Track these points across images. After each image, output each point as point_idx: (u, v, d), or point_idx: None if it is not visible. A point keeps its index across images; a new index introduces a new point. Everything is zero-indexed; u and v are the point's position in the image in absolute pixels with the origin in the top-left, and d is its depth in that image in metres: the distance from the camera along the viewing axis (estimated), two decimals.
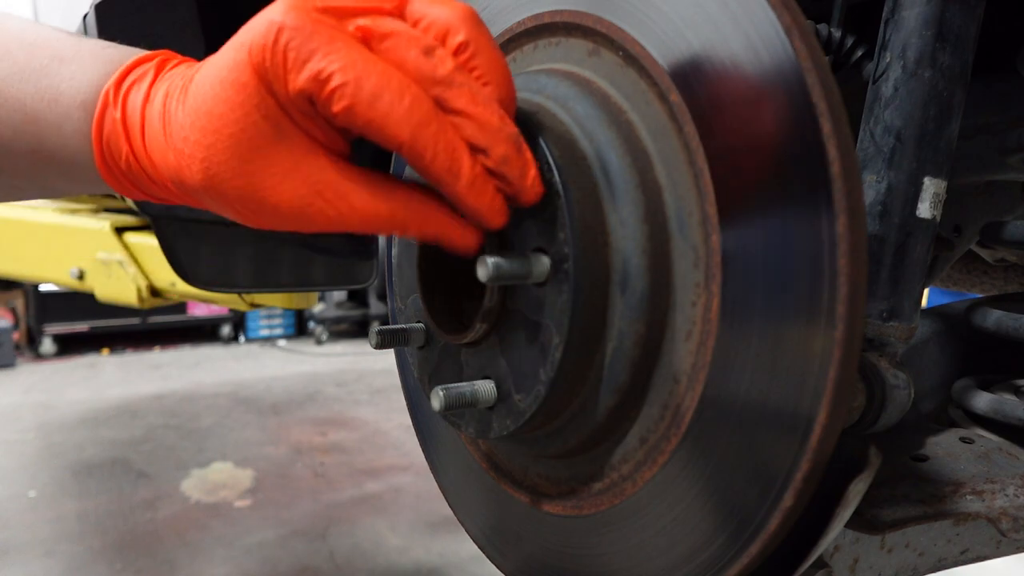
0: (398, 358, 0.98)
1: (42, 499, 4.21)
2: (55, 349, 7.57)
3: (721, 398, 0.57)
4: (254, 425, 5.55)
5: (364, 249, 1.91)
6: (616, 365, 0.62)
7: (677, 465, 0.60)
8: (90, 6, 1.49)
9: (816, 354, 0.51)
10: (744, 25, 0.55)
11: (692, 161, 0.58)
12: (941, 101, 0.68)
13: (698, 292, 0.58)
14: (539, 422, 0.66)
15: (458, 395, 0.66)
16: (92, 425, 5.50)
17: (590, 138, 0.63)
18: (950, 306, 1.03)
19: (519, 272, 0.61)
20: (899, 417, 0.69)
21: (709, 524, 0.58)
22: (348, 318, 8.98)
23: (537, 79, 0.70)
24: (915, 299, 0.71)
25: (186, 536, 3.77)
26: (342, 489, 4.38)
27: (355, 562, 3.56)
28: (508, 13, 0.76)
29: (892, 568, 0.76)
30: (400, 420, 5.58)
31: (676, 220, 0.60)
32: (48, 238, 3.17)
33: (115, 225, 2.99)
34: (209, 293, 2.38)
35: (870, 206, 0.69)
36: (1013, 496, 0.74)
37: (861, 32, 0.79)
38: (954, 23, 0.67)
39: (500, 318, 0.67)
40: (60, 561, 3.52)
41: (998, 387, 0.91)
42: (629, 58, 0.63)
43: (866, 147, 0.70)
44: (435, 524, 3.90)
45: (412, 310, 0.79)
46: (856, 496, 0.58)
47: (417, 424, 0.97)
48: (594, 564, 0.70)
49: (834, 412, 0.51)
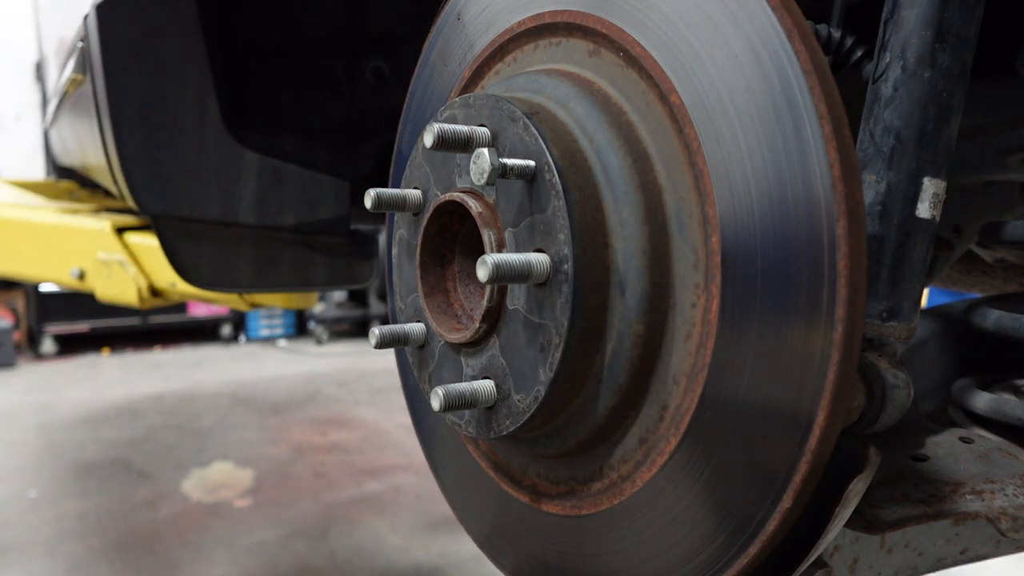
0: (398, 358, 0.98)
1: (43, 499, 4.21)
2: (55, 349, 7.57)
3: (720, 399, 0.57)
4: (254, 425, 5.55)
5: (364, 249, 1.91)
6: (615, 366, 0.62)
7: (676, 466, 0.60)
8: (90, 6, 1.49)
9: (815, 356, 0.51)
10: (744, 26, 0.55)
11: (692, 162, 0.58)
12: (940, 101, 0.68)
13: (698, 293, 0.58)
14: (539, 422, 0.66)
15: (458, 395, 0.67)
16: (92, 425, 5.50)
17: (590, 139, 0.63)
18: (950, 306, 1.03)
19: (519, 272, 0.61)
20: (899, 417, 0.69)
21: (708, 524, 0.58)
22: (348, 318, 8.98)
23: (538, 79, 0.70)
24: (915, 299, 0.70)
25: (186, 536, 3.77)
26: (342, 489, 4.38)
27: (355, 562, 3.56)
28: (509, 13, 0.76)
29: (892, 568, 0.76)
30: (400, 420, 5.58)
31: (676, 221, 0.60)
32: (49, 238, 3.17)
33: (116, 225, 2.99)
34: (209, 293, 2.38)
35: (870, 206, 0.69)
36: (1012, 496, 0.74)
37: (861, 32, 0.79)
38: (953, 23, 0.67)
39: (500, 318, 0.67)
40: (61, 561, 3.52)
41: (998, 387, 0.91)
42: (630, 59, 0.63)
43: (866, 147, 0.70)
44: (435, 524, 3.90)
45: (412, 310, 0.79)
46: (855, 496, 0.58)
47: (417, 424, 0.97)
48: (593, 564, 0.70)
49: (833, 414, 0.51)
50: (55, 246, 3.18)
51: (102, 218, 3.16)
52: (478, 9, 0.81)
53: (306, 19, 1.72)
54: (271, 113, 1.75)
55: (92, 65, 1.55)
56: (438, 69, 0.87)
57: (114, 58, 1.47)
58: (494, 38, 0.78)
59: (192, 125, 1.55)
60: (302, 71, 1.75)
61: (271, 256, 1.78)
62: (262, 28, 1.69)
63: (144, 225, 3.00)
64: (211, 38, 1.52)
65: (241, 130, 1.63)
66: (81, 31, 1.62)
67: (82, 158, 2.68)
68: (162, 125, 1.53)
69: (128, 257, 2.94)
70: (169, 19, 1.49)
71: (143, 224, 3.01)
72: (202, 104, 1.54)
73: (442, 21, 0.87)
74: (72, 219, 3.20)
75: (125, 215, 3.22)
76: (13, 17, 6.57)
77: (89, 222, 3.12)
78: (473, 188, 0.70)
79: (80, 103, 2.00)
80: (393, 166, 0.98)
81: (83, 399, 6.17)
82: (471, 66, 0.81)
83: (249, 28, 1.67)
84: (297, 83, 1.75)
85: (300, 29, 1.72)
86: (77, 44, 1.73)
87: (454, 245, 0.76)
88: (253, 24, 1.68)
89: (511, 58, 0.77)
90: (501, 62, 0.78)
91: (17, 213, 3.29)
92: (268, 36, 1.70)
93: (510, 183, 0.65)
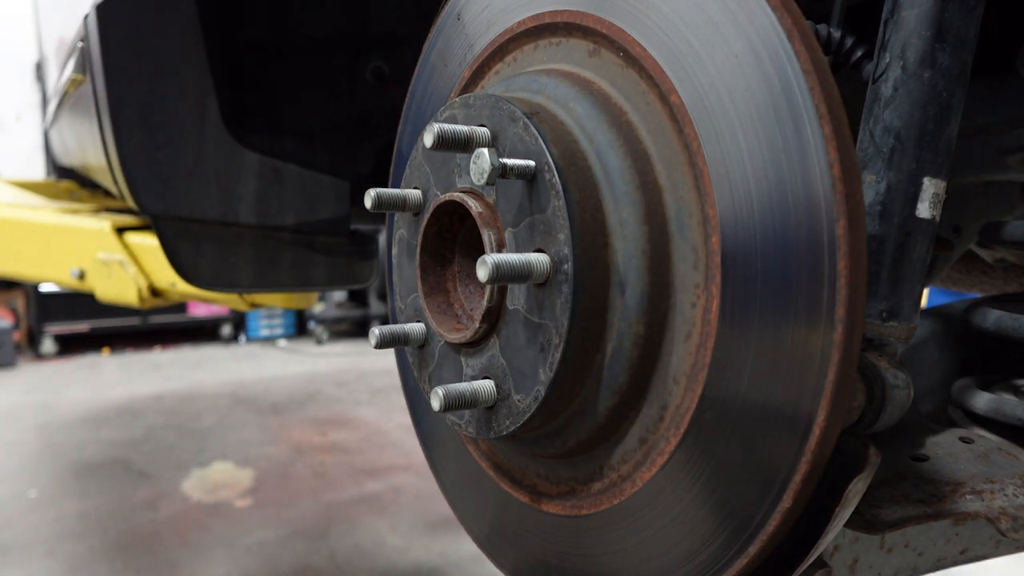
0: (398, 358, 0.98)
1: (43, 499, 4.21)
2: (55, 349, 7.57)
3: (720, 399, 0.57)
4: (254, 425, 5.55)
5: (364, 249, 1.92)
6: (615, 366, 0.62)
7: (676, 466, 0.60)
8: (91, 7, 1.49)
9: (815, 356, 0.51)
10: (744, 26, 0.55)
11: (692, 162, 0.58)
12: (940, 101, 0.68)
13: (698, 293, 0.58)
14: (539, 422, 0.66)
15: (458, 395, 0.67)
16: (92, 425, 5.50)
17: (590, 139, 0.63)
18: (950, 306, 1.03)
19: (519, 272, 0.61)
20: (899, 417, 0.69)
21: (708, 524, 0.58)
22: (348, 318, 8.98)
23: (538, 79, 0.70)
24: (915, 299, 0.71)
25: (187, 536, 3.77)
26: (342, 489, 4.38)
27: (355, 562, 3.56)
28: (509, 13, 0.76)
29: (891, 568, 0.76)
30: (400, 420, 5.58)
31: (676, 221, 0.60)
32: (49, 238, 3.17)
33: (116, 225, 2.99)
34: (209, 293, 2.38)
35: (869, 206, 0.69)
36: (1012, 496, 0.74)
37: (861, 32, 0.79)
38: (953, 23, 0.67)
39: (500, 318, 0.67)
40: (61, 561, 3.52)
41: (998, 387, 0.91)
42: (630, 59, 0.63)
43: (866, 147, 0.70)
44: (435, 524, 3.90)
45: (412, 310, 0.79)
46: (855, 496, 0.58)
47: (417, 424, 0.97)
48: (593, 564, 0.70)
49: (833, 414, 0.51)
50: (55, 246, 3.18)
51: (102, 218, 3.16)
52: (478, 9, 0.81)
53: (306, 19, 1.72)
54: (271, 113, 1.75)
55: (92, 65, 1.55)
56: (438, 69, 0.87)
57: (114, 58, 1.47)
58: (494, 38, 0.78)
59: (192, 125, 1.55)
60: (302, 71, 1.75)
61: (271, 256, 1.78)
62: (262, 28, 1.69)
63: (144, 225, 3.00)
64: (211, 38, 1.52)
65: (241, 130, 1.63)
66: (81, 31, 1.62)
67: (82, 158, 2.68)
68: (162, 125, 1.53)
69: (128, 257, 2.94)
70: (169, 19, 1.49)
71: (143, 224, 3.01)
72: (202, 104, 1.54)
73: (442, 21, 0.87)
74: (72, 219, 3.20)
75: (125, 215, 3.22)
76: (13, 17, 6.57)
77: (89, 222, 3.12)
78: (473, 188, 0.70)
79: (80, 103, 2.00)
80: (393, 166, 0.98)
81: (83, 399, 6.17)
82: (471, 66, 0.81)
83: (249, 28, 1.67)
84: (297, 83, 1.75)
85: (300, 29, 1.72)
86: (77, 44, 1.73)
87: (454, 245, 0.76)
88: (253, 24, 1.68)
89: (511, 58, 0.77)
90: (501, 62, 0.78)
91: (17, 213, 3.29)
92: (268, 36, 1.70)
93: (510, 183, 0.65)
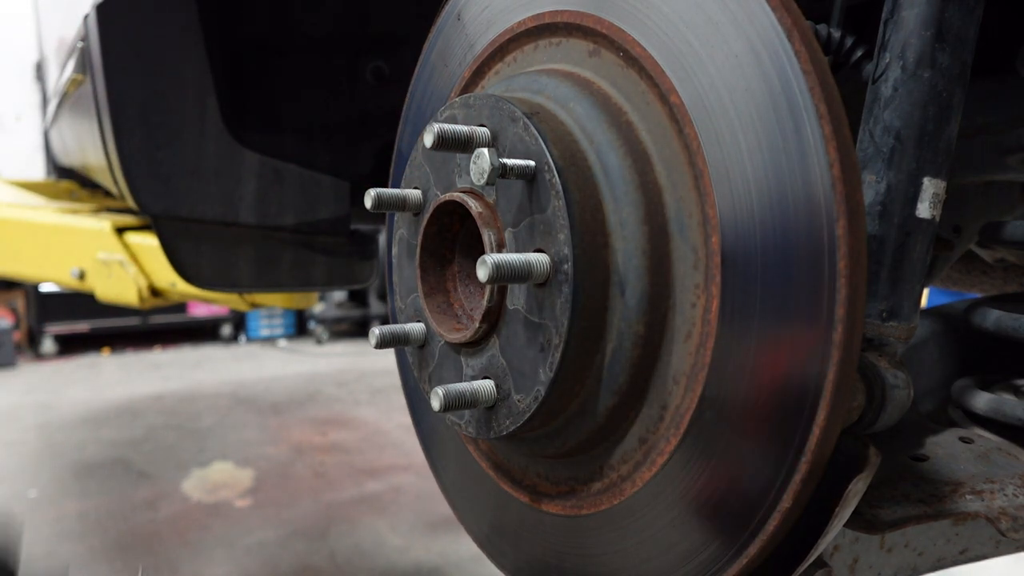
0: (398, 358, 0.98)
1: (43, 499, 4.21)
2: (56, 349, 7.57)
3: (720, 399, 0.57)
4: (254, 425, 5.55)
5: (364, 249, 1.92)
6: (615, 366, 0.62)
7: (676, 465, 0.60)
8: (91, 6, 1.49)
9: (815, 356, 0.51)
10: (744, 26, 0.55)
11: (692, 162, 0.58)
12: (940, 101, 0.68)
13: (697, 293, 0.58)
14: (539, 422, 0.66)
15: (458, 395, 0.67)
16: (92, 425, 5.50)
17: (590, 139, 0.63)
18: (950, 306, 1.03)
19: (519, 272, 0.61)
20: (899, 417, 0.69)
21: (708, 525, 0.58)
22: (348, 318, 8.98)
23: (538, 79, 0.70)
24: (915, 299, 0.70)
25: (187, 536, 3.77)
26: (342, 489, 4.38)
27: (355, 562, 3.56)
28: (509, 13, 0.76)
29: (891, 567, 0.76)
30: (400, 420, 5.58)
31: (676, 221, 0.60)
32: (49, 238, 3.17)
33: (116, 225, 2.99)
34: (209, 293, 2.38)
35: (870, 206, 0.69)
36: (1012, 496, 0.74)
37: (861, 32, 0.79)
38: (953, 23, 0.67)
39: (500, 318, 0.67)
40: (61, 561, 3.52)
41: (998, 387, 0.91)
42: (630, 59, 0.63)
43: (865, 147, 0.70)
44: (435, 524, 3.90)
45: (412, 310, 0.79)
46: (855, 496, 0.58)
47: (417, 424, 0.97)
48: (593, 564, 0.70)
49: (833, 414, 0.51)
50: (55, 246, 3.18)
51: (102, 218, 3.16)
52: (478, 9, 0.81)
53: (306, 19, 1.72)
54: (271, 113, 1.75)
55: (92, 65, 1.55)
56: (438, 69, 0.87)
57: (114, 58, 1.47)
58: (494, 38, 0.78)
59: (192, 125, 1.55)
60: (302, 71, 1.75)
61: (271, 256, 1.78)
62: (262, 28, 1.69)
63: (144, 225, 3.00)
64: (211, 38, 1.52)
65: (241, 130, 1.63)
66: (81, 31, 1.62)
67: (82, 158, 2.68)
68: (162, 125, 1.53)
69: (128, 257, 2.94)
70: (169, 19, 1.49)
71: (143, 224, 3.01)
72: (202, 104, 1.54)
73: (442, 21, 0.87)
74: (72, 219, 3.20)
75: (125, 215, 3.22)
76: (13, 17, 6.57)
77: (89, 222, 3.12)
78: (473, 188, 0.70)
79: (80, 103, 2.00)
80: (393, 166, 0.98)
81: (83, 399, 6.17)
82: (471, 66, 0.81)
83: (249, 28, 1.67)
84: (297, 83, 1.75)
85: (300, 29, 1.72)
86: (77, 44, 1.73)
87: (454, 245, 0.76)
88: (253, 24, 1.68)
89: (511, 58, 0.77)
90: (501, 62, 0.78)
91: (17, 213, 3.29)
92: (268, 36, 1.70)
93: (510, 183, 0.65)
